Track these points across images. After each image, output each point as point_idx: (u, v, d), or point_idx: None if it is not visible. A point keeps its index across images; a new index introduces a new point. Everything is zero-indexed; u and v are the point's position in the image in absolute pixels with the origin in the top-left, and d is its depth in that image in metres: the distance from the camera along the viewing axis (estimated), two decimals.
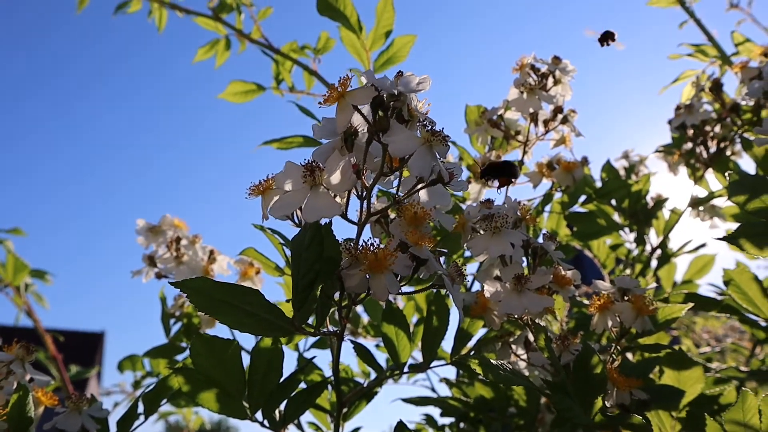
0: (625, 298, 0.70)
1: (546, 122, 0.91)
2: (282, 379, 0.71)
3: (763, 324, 0.98)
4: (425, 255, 0.53)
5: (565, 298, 0.69)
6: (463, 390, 0.97)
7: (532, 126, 0.92)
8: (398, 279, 0.54)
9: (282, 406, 0.73)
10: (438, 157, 0.50)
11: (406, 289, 0.58)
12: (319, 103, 0.50)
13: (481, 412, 0.95)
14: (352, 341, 0.76)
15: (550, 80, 0.88)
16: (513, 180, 0.53)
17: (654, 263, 1.22)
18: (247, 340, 2.95)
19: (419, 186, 0.52)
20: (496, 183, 0.53)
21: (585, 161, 0.97)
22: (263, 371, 0.68)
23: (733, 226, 1.14)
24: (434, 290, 0.70)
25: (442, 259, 0.75)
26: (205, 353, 0.65)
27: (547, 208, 1.05)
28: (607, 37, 0.84)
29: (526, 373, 0.79)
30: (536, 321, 0.67)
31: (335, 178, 0.50)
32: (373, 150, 0.53)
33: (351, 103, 0.49)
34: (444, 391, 1.21)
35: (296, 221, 0.57)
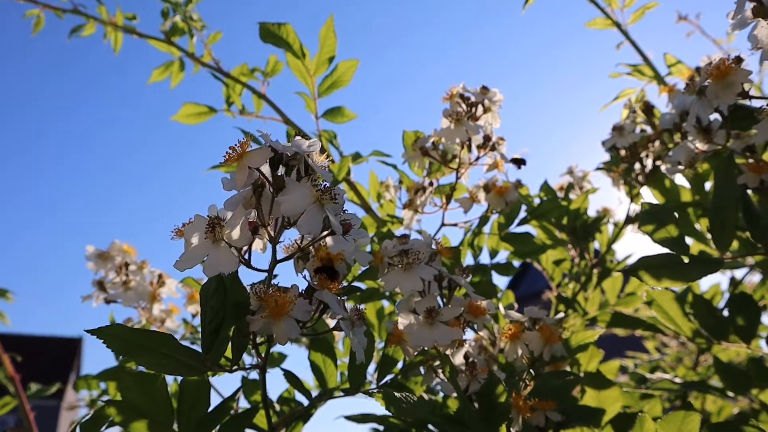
0: (536, 327, 0.73)
1: (478, 148, 0.95)
2: (214, 407, 0.75)
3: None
4: (326, 299, 0.57)
5: (480, 326, 0.73)
6: None
7: (468, 151, 0.95)
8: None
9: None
10: (332, 211, 0.53)
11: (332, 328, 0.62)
12: (220, 163, 0.54)
13: (421, 429, 0.99)
14: (282, 369, 0.80)
15: (480, 109, 0.92)
16: (335, 279, 0.58)
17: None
18: None
19: (311, 240, 0.55)
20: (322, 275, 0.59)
21: (518, 184, 1.01)
22: (191, 402, 0.71)
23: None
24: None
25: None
26: (133, 387, 0.68)
27: (488, 229, 1.08)
28: (517, 162, 0.96)
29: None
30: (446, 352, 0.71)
31: (235, 233, 0.53)
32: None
33: (248, 164, 0.52)
34: None
35: None
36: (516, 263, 1.12)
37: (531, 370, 0.74)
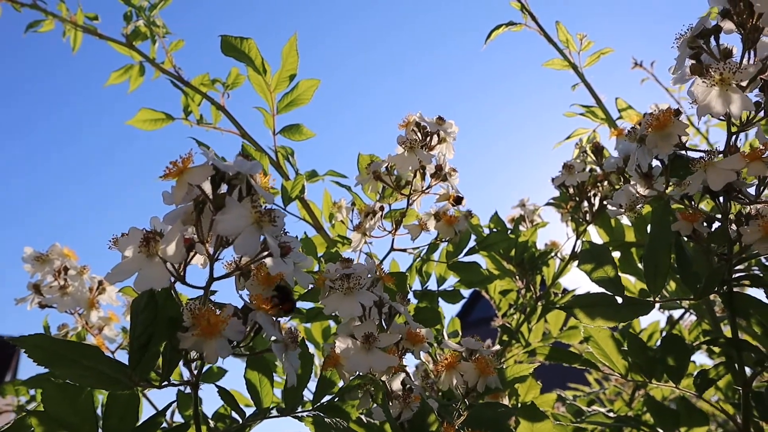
0: (472, 358, 0.74)
1: (431, 176, 0.96)
2: (142, 421, 0.73)
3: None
4: (260, 321, 0.56)
5: (417, 355, 0.73)
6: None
7: (422, 179, 0.96)
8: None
9: None
10: (271, 233, 0.53)
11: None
12: (160, 176, 0.53)
13: None
14: (217, 385, 0.78)
15: (435, 138, 0.93)
16: (291, 309, 0.58)
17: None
18: None
19: (249, 260, 0.55)
20: (281, 303, 0.59)
21: (469, 214, 1.02)
22: (119, 415, 0.69)
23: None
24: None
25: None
26: (56, 397, 0.66)
27: (437, 256, 1.10)
28: (456, 201, 0.98)
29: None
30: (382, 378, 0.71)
31: (170, 249, 0.53)
32: None
33: (188, 181, 0.52)
34: None
35: None
36: (464, 291, 1.13)
37: (465, 400, 0.75)
